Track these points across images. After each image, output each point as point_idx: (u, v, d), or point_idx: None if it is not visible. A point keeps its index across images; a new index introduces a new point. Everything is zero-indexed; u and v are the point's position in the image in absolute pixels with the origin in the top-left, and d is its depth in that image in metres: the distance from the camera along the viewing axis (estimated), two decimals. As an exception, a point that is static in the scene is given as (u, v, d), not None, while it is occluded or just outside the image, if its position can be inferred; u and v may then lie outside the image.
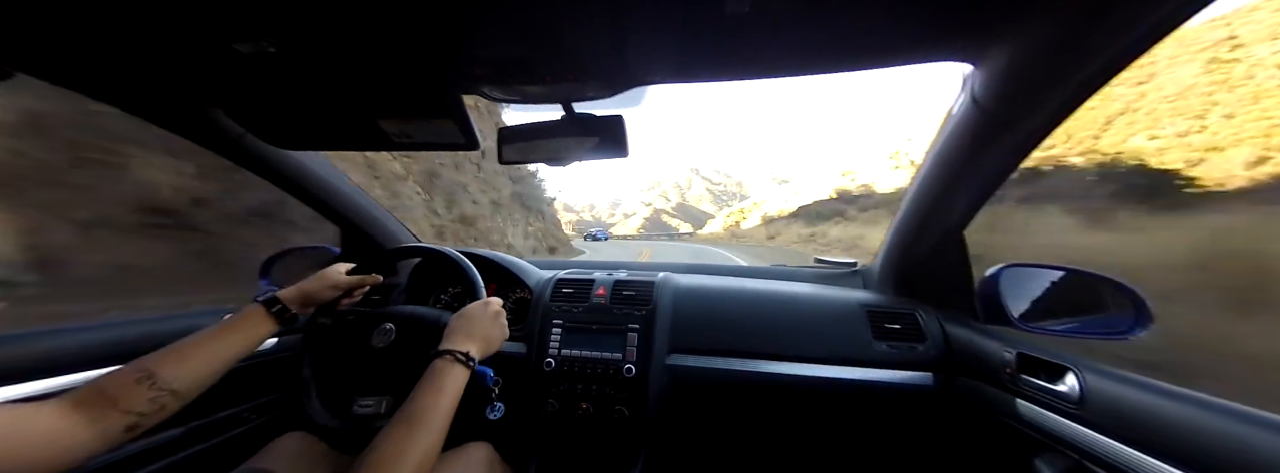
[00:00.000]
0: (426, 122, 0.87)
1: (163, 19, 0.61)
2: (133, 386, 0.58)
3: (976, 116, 0.74)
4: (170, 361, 0.63)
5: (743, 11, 0.56)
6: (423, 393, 0.66)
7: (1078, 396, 0.69)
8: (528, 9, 0.57)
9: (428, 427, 0.62)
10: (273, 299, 0.80)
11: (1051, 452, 0.73)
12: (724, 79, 0.78)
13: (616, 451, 1.13)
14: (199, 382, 0.65)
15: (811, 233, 32.96)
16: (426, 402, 0.65)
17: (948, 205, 0.96)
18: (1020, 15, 0.56)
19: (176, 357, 0.64)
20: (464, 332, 0.79)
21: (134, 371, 0.60)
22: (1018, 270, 0.92)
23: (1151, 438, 0.58)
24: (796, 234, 35.35)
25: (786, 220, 48.20)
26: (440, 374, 0.70)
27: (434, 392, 0.67)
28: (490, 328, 0.83)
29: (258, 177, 1.12)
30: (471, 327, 0.80)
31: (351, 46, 0.68)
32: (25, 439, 0.48)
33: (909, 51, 0.67)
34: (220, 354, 0.69)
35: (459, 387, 0.70)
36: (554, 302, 1.19)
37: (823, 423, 1.12)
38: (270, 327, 0.77)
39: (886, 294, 1.20)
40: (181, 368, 0.63)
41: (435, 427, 0.63)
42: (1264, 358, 2.95)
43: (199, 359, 0.66)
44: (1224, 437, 0.52)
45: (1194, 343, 2.94)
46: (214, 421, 1.03)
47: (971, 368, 0.94)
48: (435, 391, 0.67)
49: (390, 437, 0.60)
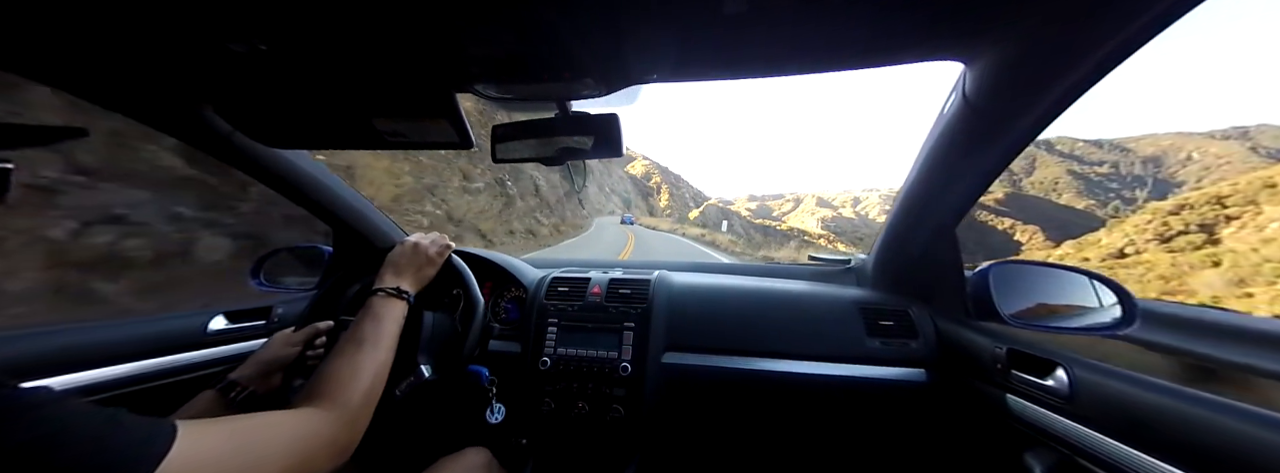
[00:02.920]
0: (420, 120, 0.86)
1: (153, 17, 0.60)
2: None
3: (968, 115, 0.75)
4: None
5: (740, 10, 0.56)
6: (362, 323, 0.69)
7: (1067, 391, 0.70)
8: (523, 6, 0.56)
9: (375, 345, 0.65)
10: (229, 385, 0.72)
11: (1041, 446, 0.74)
12: (720, 78, 0.78)
13: (612, 449, 1.13)
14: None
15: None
16: (368, 327, 0.68)
17: (939, 203, 0.97)
18: (1012, 14, 0.56)
19: None
20: (392, 269, 0.82)
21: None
22: (1007, 268, 0.93)
23: (1139, 432, 0.59)
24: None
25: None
26: (377, 307, 0.72)
27: (373, 320, 0.69)
28: (416, 259, 0.86)
29: (248, 175, 1.10)
30: (398, 263, 0.84)
31: (345, 45, 0.67)
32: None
33: (902, 51, 0.68)
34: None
35: (399, 317, 0.73)
36: (549, 301, 1.19)
37: (817, 420, 1.13)
38: (222, 409, 0.70)
39: (879, 292, 1.21)
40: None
41: (383, 345, 0.66)
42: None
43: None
44: (1210, 430, 0.54)
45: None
46: None
47: (963, 364, 0.96)
48: (374, 318, 0.70)
49: (341, 353, 0.62)
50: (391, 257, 0.87)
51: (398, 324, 0.72)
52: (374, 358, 0.64)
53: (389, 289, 0.77)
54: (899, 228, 1.11)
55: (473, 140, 0.88)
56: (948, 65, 0.71)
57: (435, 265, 0.90)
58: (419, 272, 0.86)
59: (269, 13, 0.59)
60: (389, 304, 0.74)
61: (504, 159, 0.99)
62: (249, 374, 0.76)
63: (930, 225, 1.03)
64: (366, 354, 0.63)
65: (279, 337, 0.87)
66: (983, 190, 0.92)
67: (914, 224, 1.06)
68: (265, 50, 0.66)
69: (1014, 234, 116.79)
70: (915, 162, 0.96)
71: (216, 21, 0.61)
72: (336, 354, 0.63)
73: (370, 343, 0.65)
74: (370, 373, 0.61)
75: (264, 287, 1.26)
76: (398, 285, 0.78)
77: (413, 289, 0.81)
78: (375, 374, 0.62)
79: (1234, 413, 0.53)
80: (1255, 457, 0.49)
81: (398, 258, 0.86)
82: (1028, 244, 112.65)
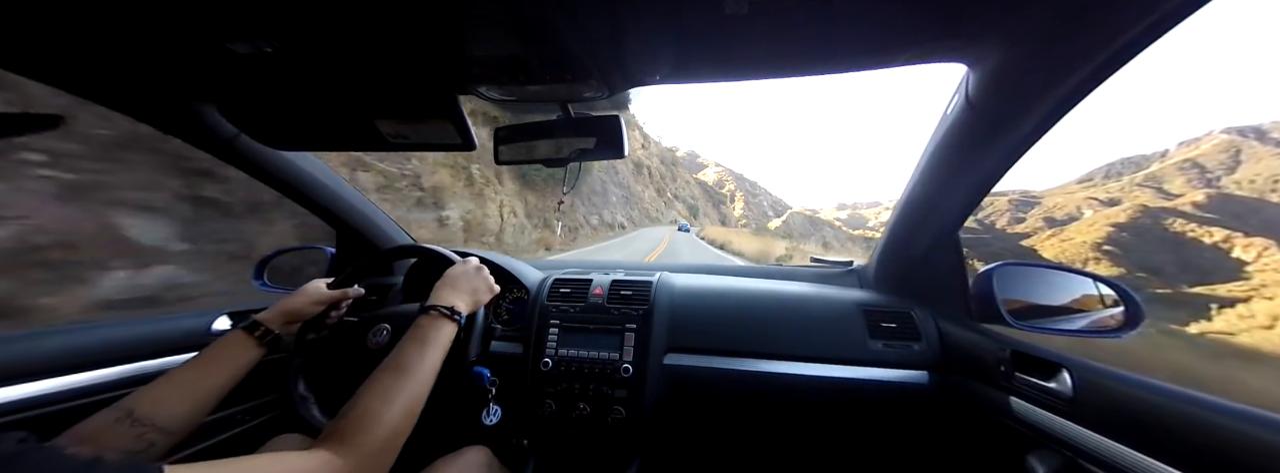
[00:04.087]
0: (423, 122, 0.86)
1: (159, 18, 0.61)
2: (111, 426, 0.56)
3: (971, 117, 0.75)
4: (149, 397, 0.61)
5: (741, 12, 0.56)
6: (409, 345, 0.66)
7: (1071, 393, 0.70)
8: (525, 8, 0.57)
9: (414, 375, 0.62)
10: (253, 323, 0.77)
11: (1045, 449, 0.73)
12: (722, 79, 0.78)
13: (613, 451, 1.13)
14: (186, 417, 0.63)
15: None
16: (412, 352, 0.65)
17: (942, 205, 0.97)
18: (1015, 16, 0.56)
19: (155, 393, 0.62)
20: (449, 287, 0.79)
21: (112, 411, 0.58)
22: (1011, 270, 0.93)
23: (1143, 435, 0.59)
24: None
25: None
26: (425, 328, 0.70)
27: (418, 343, 0.66)
28: (475, 281, 0.84)
29: (251, 177, 1.11)
30: (457, 282, 0.81)
31: (349, 47, 0.67)
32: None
33: (905, 52, 0.68)
34: (203, 386, 0.67)
35: (446, 340, 0.70)
36: (551, 302, 1.19)
37: (819, 422, 1.12)
38: (255, 352, 0.75)
39: (882, 294, 1.20)
40: (162, 404, 0.61)
41: (422, 375, 0.63)
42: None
43: (181, 393, 0.64)
44: (1215, 433, 0.53)
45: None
46: (207, 423, 1.02)
47: (966, 367, 0.95)
48: (419, 342, 0.67)
49: (378, 382, 0.59)
50: (450, 274, 0.83)
51: (443, 350, 0.69)
52: (411, 390, 0.60)
53: (443, 308, 0.73)
54: (901, 230, 1.11)
55: (475, 142, 0.89)
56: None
57: (492, 293, 0.87)
58: (475, 295, 0.83)
59: (274, 14, 0.59)
60: (439, 325, 0.71)
61: (506, 161, 1.00)
62: (272, 318, 0.79)
63: (933, 227, 1.03)
64: (404, 385, 0.60)
65: (311, 287, 0.89)
66: (986, 193, 0.92)
67: (917, 226, 1.06)
68: (270, 52, 0.67)
69: (1231, 249, 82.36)
70: (918, 164, 0.96)
71: (221, 23, 0.61)
72: (372, 383, 0.59)
73: (411, 372, 0.62)
74: (403, 408, 0.57)
75: (266, 288, 1.27)
76: (452, 305, 0.74)
77: (466, 311, 0.77)
78: (408, 409, 0.58)
79: (1238, 416, 0.53)
80: (1264, 460, 0.49)
81: (458, 277, 0.83)
82: (1256, 263, 78.27)
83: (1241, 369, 8.80)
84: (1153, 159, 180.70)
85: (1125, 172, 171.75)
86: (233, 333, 0.75)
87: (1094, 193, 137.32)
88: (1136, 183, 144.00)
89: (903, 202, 1.06)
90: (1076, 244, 75.63)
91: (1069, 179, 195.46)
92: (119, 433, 0.56)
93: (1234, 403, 0.55)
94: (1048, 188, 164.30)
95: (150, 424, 0.58)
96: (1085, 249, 74.71)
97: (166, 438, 0.60)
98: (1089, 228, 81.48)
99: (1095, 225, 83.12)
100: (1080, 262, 71.10)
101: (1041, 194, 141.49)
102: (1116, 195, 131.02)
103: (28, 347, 0.79)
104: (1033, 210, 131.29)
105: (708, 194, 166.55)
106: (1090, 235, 77.47)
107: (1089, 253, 74.93)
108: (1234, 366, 9.07)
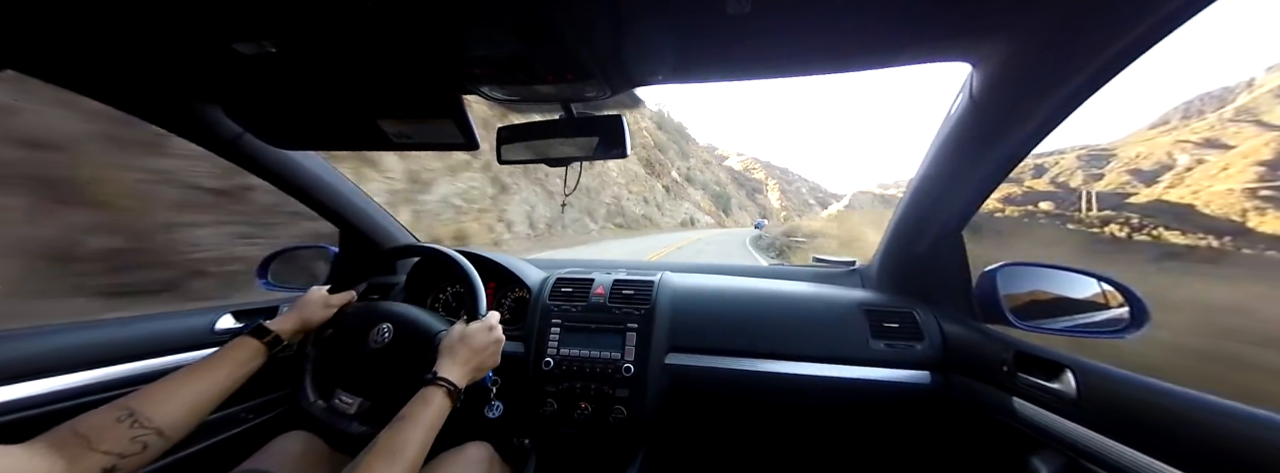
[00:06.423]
0: (426, 121, 0.87)
1: (165, 19, 0.61)
2: (111, 425, 0.55)
3: (975, 116, 0.75)
4: (153, 398, 0.61)
5: (744, 12, 0.56)
6: (407, 423, 0.65)
7: (1074, 394, 0.69)
8: (527, 8, 0.57)
9: (406, 457, 0.61)
10: (262, 329, 0.77)
11: (1048, 450, 0.73)
12: (724, 79, 0.78)
13: (615, 450, 1.13)
14: (186, 420, 0.62)
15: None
16: (409, 434, 0.64)
17: (946, 205, 0.97)
18: (1020, 16, 0.56)
19: (160, 393, 0.62)
20: (461, 358, 0.78)
21: (113, 409, 0.57)
22: (1015, 269, 0.92)
23: (1147, 436, 0.59)
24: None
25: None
26: (426, 404, 0.69)
27: (414, 423, 0.66)
28: (485, 358, 0.82)
29: (255, 176, 1.12)
30: (470, 355, 0.79)
31: (352, 47, 0.68)
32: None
33: (909, 52, 0.67)
34: (208, 390, 0.67)
35: (441, 418, 0.70)
36: (552, 301, 1.19)
37: (821, 422, 1.12)
38: (261, 358, 0.75)
39: (884, 293, 1.20)
40: (165, 406, 0.61)
41: (414, 456, 0.62)
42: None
43: (185, 395, 0.64)
44: (1218, 434, 0.53)
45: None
46: (211, 421, 1.03)
47: (969, 367, 0.95)
48: (415, 423, 0.66)
49: (371, 468, 0.58)
50: (468, 335, 0.81)
51: (435, 430, 0.68)
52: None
53: (449, 385, 0.72)
54: (904, 229, 1.10)
55: (478, 142, 0.89)
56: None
57: (495, 359, 0.85)
58: (481, 369, 0.81)
59: (278, 15, 0.59)
60: (438, 401, 0.70)
61: (509, 160, 1.00)
62: (284, 328, 0.81)
63: (936, 226, 1.03)
64: (392, 468, 0.59)
65: (314, 296, 0.89)
66: (990, 192, 0.92)
67: (920, 225, 1.06)
68: (274, 52, 0.67)
69: None
70: (922, 163, 0.96)
71: (226, 24, 0.62)
72: (366, 468, 0.58)
73: (402, 458, 0.61)
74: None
75: (270, 287, 1.27)
76: (449, 378, 0.73)
77: (463, 384, 0.76)
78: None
79: (1245, 418, 0.53)
80: (1273, 461, 0.49)
81: (469, 342, 0.80)
82: None
83: None
84: (1238, 90, 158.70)
85: (1207, 108, 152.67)
86: (243, 339, 0.75)
87: (1181, 135, 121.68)
88: (1227, 119, 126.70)
89: (906, 201, 1.05)
90: (1220, 195, 65.96)
91: (1138, 127, 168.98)
92: (117, 433, 0.55)
93: (1240, 405, 0.54)
94: (1115, 140, 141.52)
95: (149, 426, 0.58)
96: (1236, 199, 65.74)
97: (162, 441, 0.59)
98: (1223, 173, 72.11)
99: (1231, 168, 72.05)
100: (1238, 214, 63.63)
101: (1112, 146, 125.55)
102: (1211, 135, 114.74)
103: (29, 345, 0.80)
104: (1110, 165, 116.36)
105: (739, 183, 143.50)
106: (1232, 180, 68.76)
107: (1244, 203, 65.02)
108: None
